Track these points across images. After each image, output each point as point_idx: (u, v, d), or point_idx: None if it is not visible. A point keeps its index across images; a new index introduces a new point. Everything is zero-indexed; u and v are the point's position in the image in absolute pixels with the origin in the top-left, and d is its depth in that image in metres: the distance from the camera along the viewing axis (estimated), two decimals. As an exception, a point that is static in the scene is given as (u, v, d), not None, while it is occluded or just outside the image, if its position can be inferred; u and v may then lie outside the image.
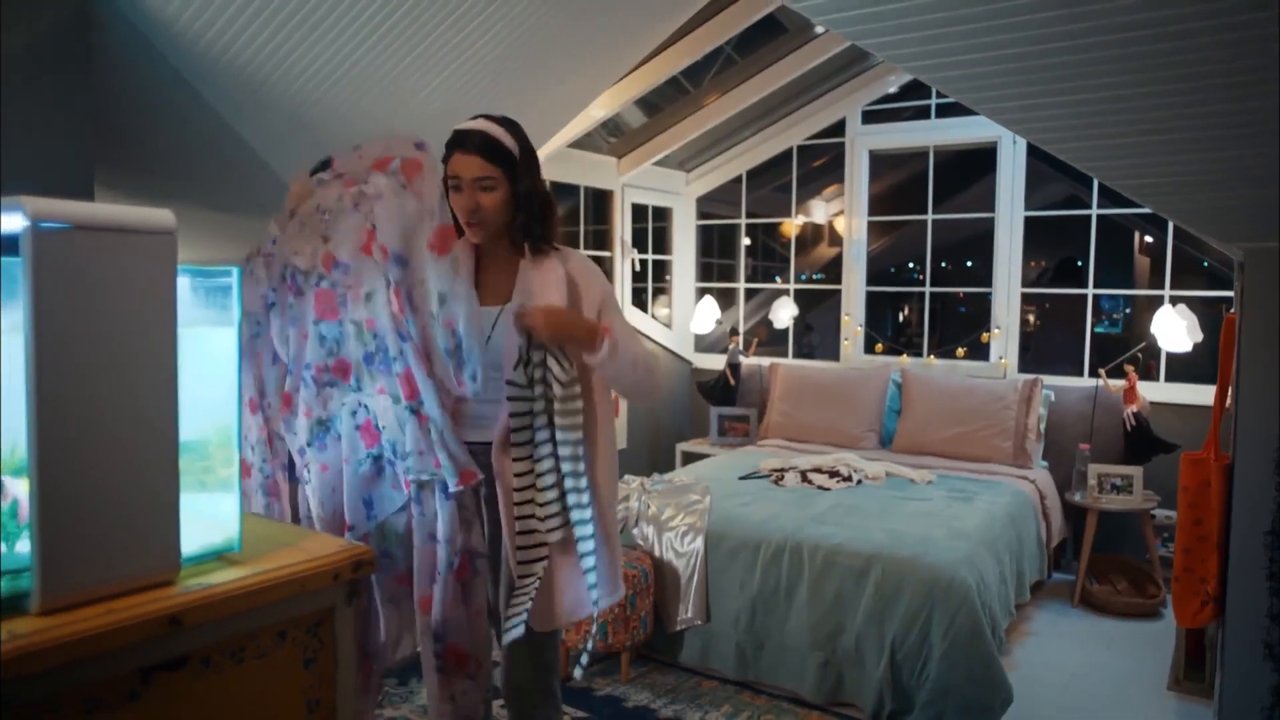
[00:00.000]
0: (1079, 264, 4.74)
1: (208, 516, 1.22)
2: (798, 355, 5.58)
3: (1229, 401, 2.46)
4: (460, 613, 1.83)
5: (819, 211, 6.01)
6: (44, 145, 2.02)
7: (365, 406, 1.86)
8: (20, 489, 1.06)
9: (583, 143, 4.89)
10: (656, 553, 3.32)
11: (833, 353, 5.40)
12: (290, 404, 1.89)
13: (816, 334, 6.19)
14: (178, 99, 2.44)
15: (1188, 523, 2.43)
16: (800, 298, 5.60)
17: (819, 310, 6.37)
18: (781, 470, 3.93)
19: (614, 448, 1.96)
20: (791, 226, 5.70)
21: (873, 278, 5.39)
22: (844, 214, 5.40)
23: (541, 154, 4.26)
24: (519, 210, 1.84)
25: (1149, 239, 5.57)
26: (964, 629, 2.80)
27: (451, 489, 1.80)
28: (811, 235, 6.46)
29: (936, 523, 3.25)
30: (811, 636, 3.01)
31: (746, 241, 5.95)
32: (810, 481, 3.80)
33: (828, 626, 2.99)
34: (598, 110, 4.65)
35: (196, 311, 1.23)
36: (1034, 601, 4.00)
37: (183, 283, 1.14)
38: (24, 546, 1.03)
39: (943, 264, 5.73)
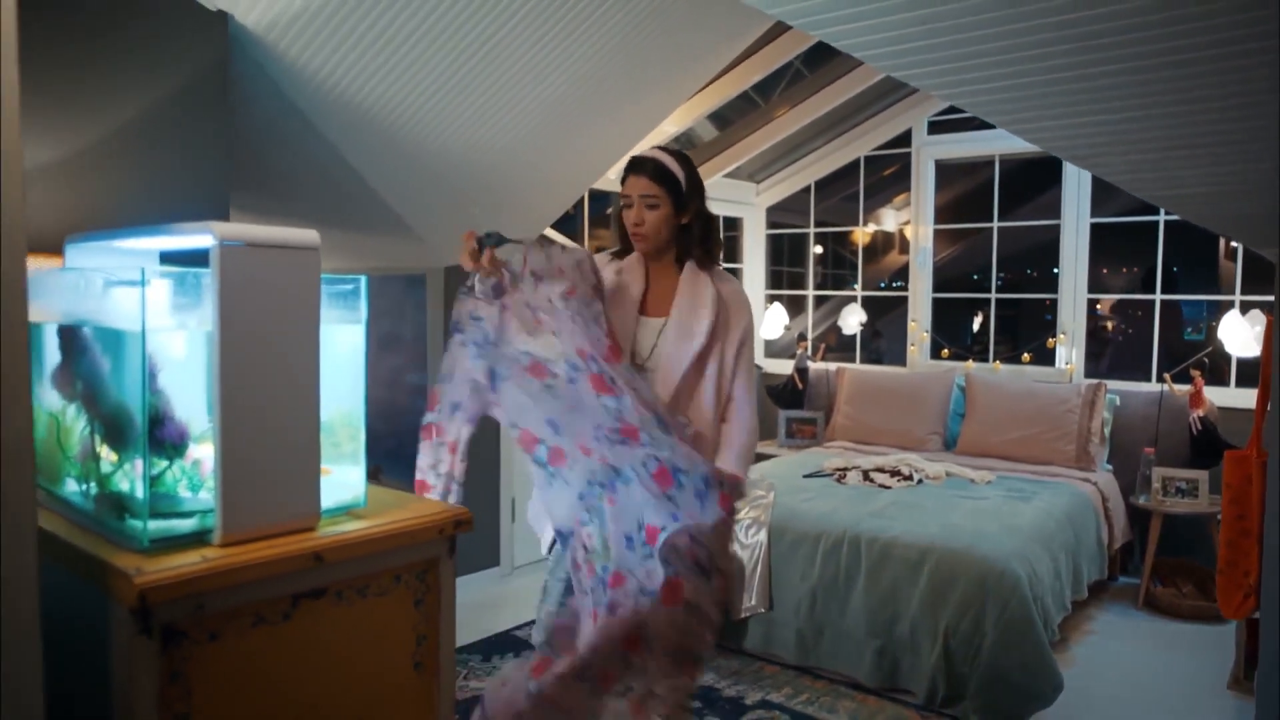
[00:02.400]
0: (1174, 270, 4.79)
1: (339, 481, 1.49)
2: (866, 360, 5.71)
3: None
4: None
5: (890, 220, 6.14)
6: (189, 174, 2.36)
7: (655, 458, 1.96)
8: (200, 451, 1.35)
9: (657, 157, 5.13)
10: (722, 544, 3.52)
11: (901, 358, 5.52)
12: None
13: (885, 340, 6.30)
14: (297, 131, 2.78)
15: (1231, 517, 2.53)
16: (871, 304, 5.74)
17: (890, 317, 6.48)
18: (844, 469, 4.09)
19: None
20: (861, 235, 5.84)
21: (942, 285, 5.49)
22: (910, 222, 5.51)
23: (615, 170, 4.54)
24: (682, 229, 2.13)
25: (1235, 244, 5.52)
26: (1015, 618, 2.93)
27: None
28: (882, 243, 6.57)
29: (991, 519, 3.38)
30: (868, 624, 3.18)
31: (816, 250, 6.12)
32: (871, 480, 3.95)
33: (884, 615, 3.15)
34: (670, 125, 4.90)
35: (328, 312, 1.50)
36: (1098, 603, 4.07)
37: (322, 289, 1.42)
38: (205, 496, 1.32)
39: (1009, 271, 5.78)
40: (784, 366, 5.77)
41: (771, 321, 5.67)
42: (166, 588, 1.15)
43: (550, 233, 4.48)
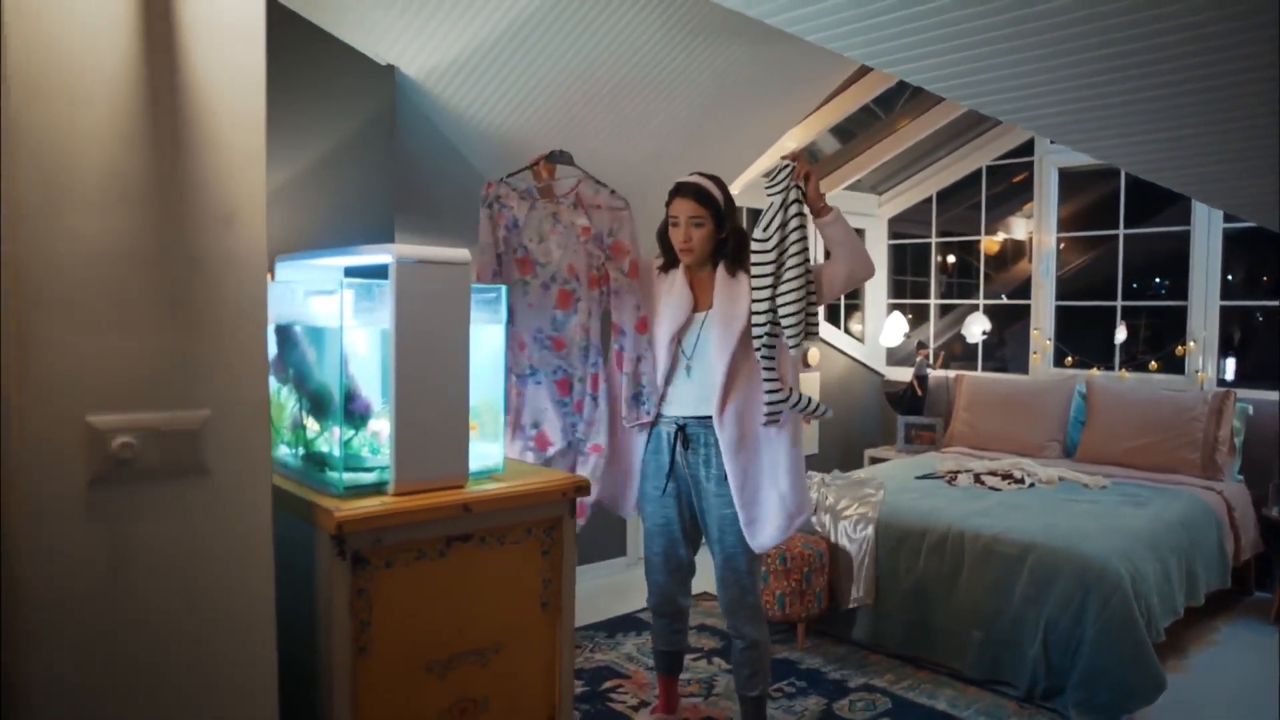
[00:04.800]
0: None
1: (483, 451, 1.84)
2: (990, 369, 5.74)
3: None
4: None
5: (1020, 228, 6.14)
6: (363, 202, 2.81)
7: None
8: (378, 425, 1.72)
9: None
10: (832, 538, 3.73)
11: (1026, 366, 5.53)
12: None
13: (1010, 348, 6.28)
14: (450, 161, 3.21)
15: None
16: (998, 313, 5.77)
17: (1019, 325, 6.45)
18: (956, 472, 4.21)
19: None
20: (990, 243, 5.88)
21: (1071, 293, 5.47)
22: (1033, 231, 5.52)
23: (738, 184, 4.84)
24: (722, 241, 2.52)
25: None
26: (1116, 615, 3.01)
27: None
28: (1012, 251, 6.56)
29: (1097, 520, 3.44)
30: (970, 617, 3.31)
31: (939, 259, 6.18)
32: (982, 482, 4.06)
33: (985, 609, 3.28)
34: (791, 141, 5.13)
35: (476, 314, 1.85)
36: (1225, 615, 4.02)
37: (471, 297, 1.77)
38: (383, 457, 1.69)
39: (1140, 279, 5.67)
40: (906, 374, 5.87)
41: (891, 330, 5.79)
42: (356, 521, 1.52)
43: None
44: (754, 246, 2.43)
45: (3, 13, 1.10)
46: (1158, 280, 5.52)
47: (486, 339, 1.86)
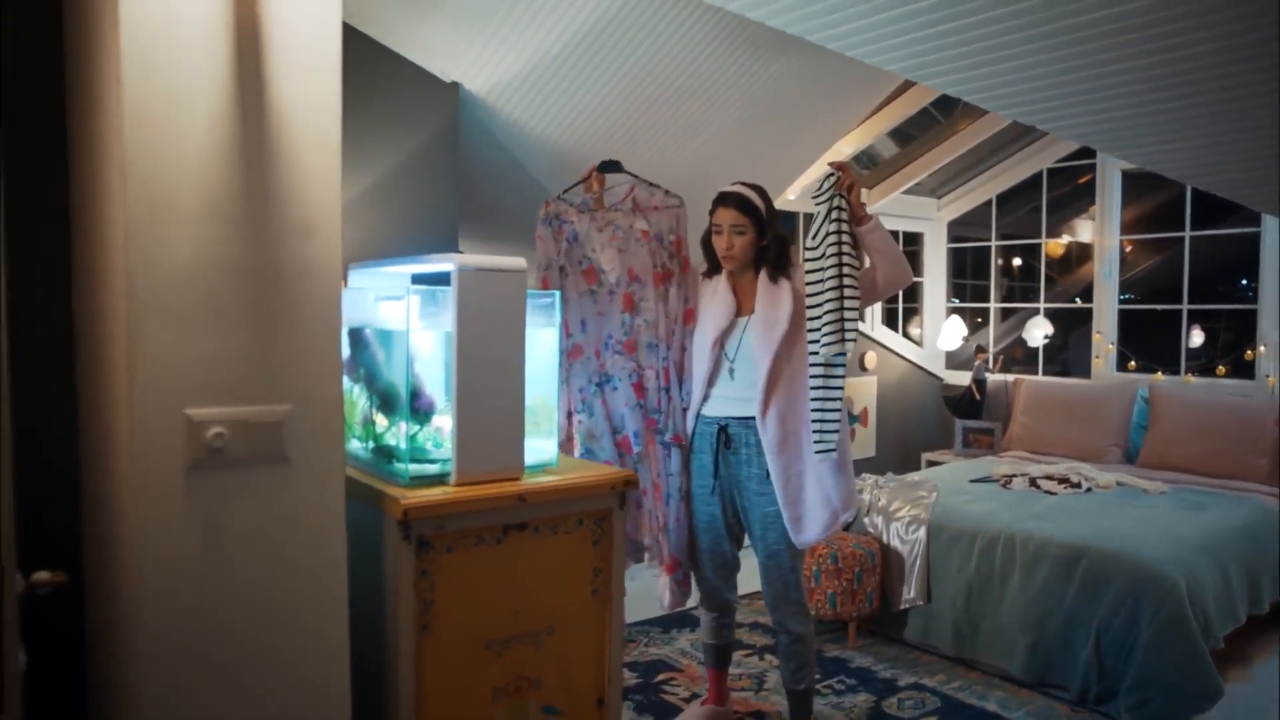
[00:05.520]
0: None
1: (538, 447, 1.96)
2: (1052, 373, 5.69)
3: None
4: None
5: (1085, 230, 6.06)
6: (428, 212, 2.96)
7: None
8: (440, 420, 1.86)
9: (833, 177, 5.40)
10: (884, 539, 3.77)
11: (1089, 371, 5.46)
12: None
13: (1073, 352, 6.20)
14: (511, 172, 3.35)
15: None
16: (1062, 317, 5.71)
17: (1083, 330, 6.36)
18: (1011, 475, 4.20)
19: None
20: (1054, 246, 5.83)
21: (1137, 297, 5.39)
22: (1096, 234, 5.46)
23: (795, 188, 4.89)
24: (764, 249, 2.63)
25: None
26: (1170, 621, 2.99)
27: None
28: (1077, 254, 6.47)
29: (1152, 525, 3.42)
30: (1022, 619, 3.32)
31: (999, 262, 6.14)
32: (1038, 486, 4.05)
33: (1037, 611, 3.29)
34: (847, 146, 5.16)
35: (531, 318, 1.97)
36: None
37: (527, 302, 1.89)
38: (444, 451, 1.82)
39: (1207, 282, 5.55)
40: (965, 378, 5.85)
41: (949, 333, 5.78)
42: (420, 509, 1.65)
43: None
44: (805, 255, 2.51)
45: (122, 59, 1.26)
46: (1245, 282, 5.40)
47: (541, 342, 1.98)
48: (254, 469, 1.43)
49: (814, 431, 2.50)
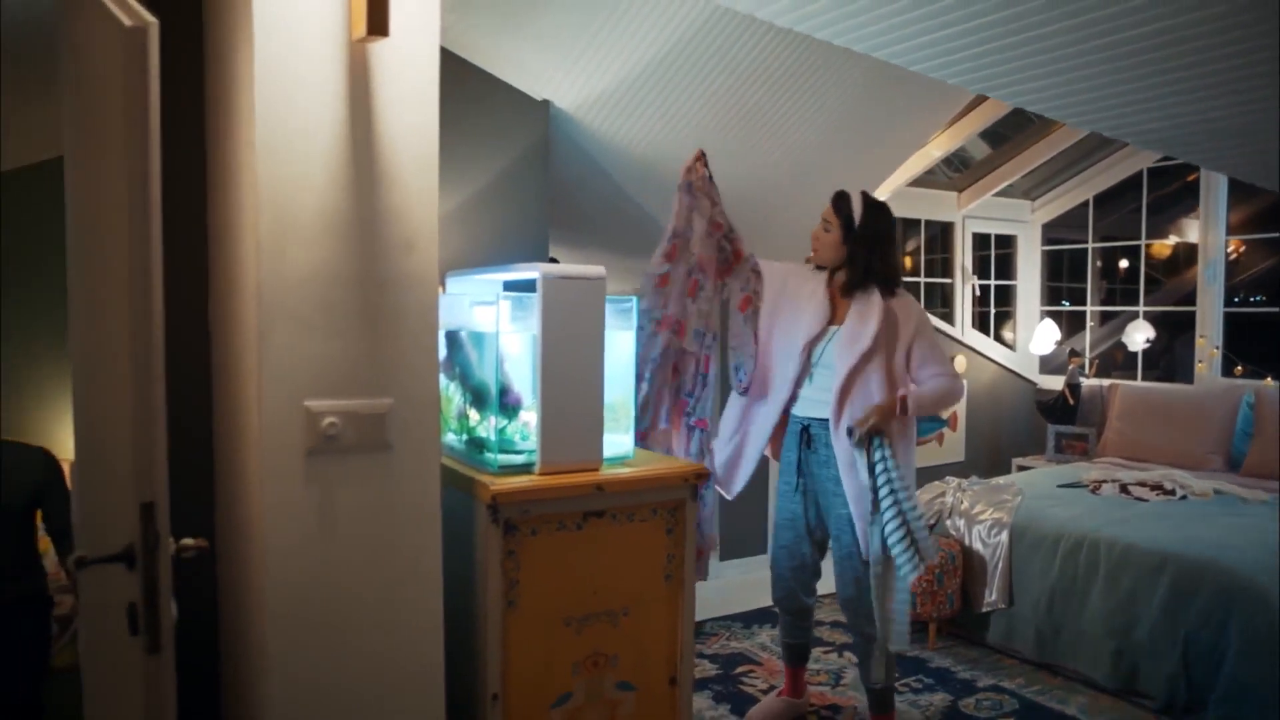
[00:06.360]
0: None
1: (615, 442, 2.11)
2: (1154, 377, 5.53)
3: None
4: None
5: (1192, 231, 5.87)
6: (520, 222, 3.15)
7: None
8: (526, 416, 2.02)
9: (923, 180, 5.39)
10: (966, 542, 3.78)
11: (1191, 375, 5.30)
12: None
13: (1179, 356, 6.00)
14: (600, 182, 3.52)
15: None
16: (1167, 320, 5.55)
17: (1191, 333, 6.15)
18: (1100, 481, 4.14)
19: None
20: (1158, 248, 5.67)
21: (1251, 300, 5.20)
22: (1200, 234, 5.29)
23: (881, 193, 4.91)
24: (850, 257, 2.69)
25: None
26: (1262, 632, 2.93)
27: None
28: (1185, 256, 6.26)
29: (1246, 534, 3.33)
30: (1107, 626, 3.29)
31: (1097, 265, 6.00)
32: (1129, 492, 3.98)
33: (1122, 618, 3.25)
34: (937, 149, 5.15)
35: (611, 322, 2.12)
36: None
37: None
38: (530, 443, 1.99)
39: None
40: (1057, 382, 5.74)
41: (1041, 337, 5.69)
42: (507, 494, 1.82)
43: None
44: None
45: (255, 101, 1.46)
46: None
47: (620, 344, 2.13)
48: (361, 455, 1.62)
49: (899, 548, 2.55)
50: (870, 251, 2.68)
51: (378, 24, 1.48)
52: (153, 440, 1.23)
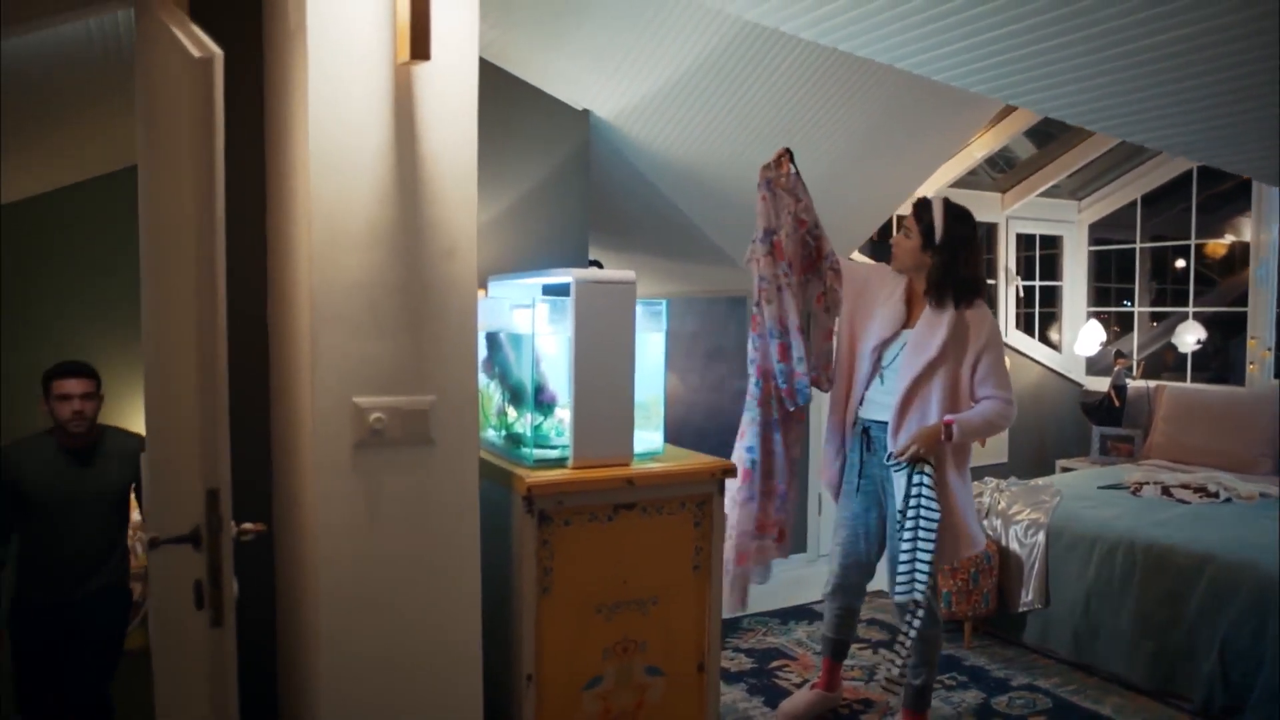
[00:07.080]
0: None
1: (645, 438, 2.21)
2: (1204, 380, 5.45)
3: None
4: None
5: (1247, 230, 5.76)
6: (560, 228, 3.27)
7: None
8: (561, 413, 2.13)
9: (965, 181, 5.39)
10: (1002, 542, 3.80)
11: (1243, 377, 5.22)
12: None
13: (1232, 357, 5.90)
14: (639, 188, 3.62)
15: None
16: (1220, 321, 5.47)
17: (1244, 334, 6.03)
18: (1142, 483, 4.12)
19: None
20: (1213, 247, 5.59)
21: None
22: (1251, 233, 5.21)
23: (923, 191, 4.91)
24: (933, 266, 2.70)
25: None
26: (1301, 635, 2.92)
27: None
28: (1240, 255, 6.15)
29: (1288, 536, 3.31)
30: (1144, 627, 3.29)
31: (1146, 265, 5.92)
32: (1170, 494, 3.96)
33: (1158, 619, 3.25)
34: (980, 149, 5.14)
35: (642, 324, 2.22)
36: None
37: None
38: (564, 439, 2.10)
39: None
40: (1103, 384, 5.69)
41: (1086, 339, 5.64)
42: (542, 486, 1.93)
43: (858, 256, 4.97)
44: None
45: (309, 120, 1.60)
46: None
47: (650, 345, 2.23)
48: (405, 448, 1.74)
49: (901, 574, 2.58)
50: (949, 259, 2.67)
51: (420, 49, 1.60)
52: (217, 432, 1.36)
